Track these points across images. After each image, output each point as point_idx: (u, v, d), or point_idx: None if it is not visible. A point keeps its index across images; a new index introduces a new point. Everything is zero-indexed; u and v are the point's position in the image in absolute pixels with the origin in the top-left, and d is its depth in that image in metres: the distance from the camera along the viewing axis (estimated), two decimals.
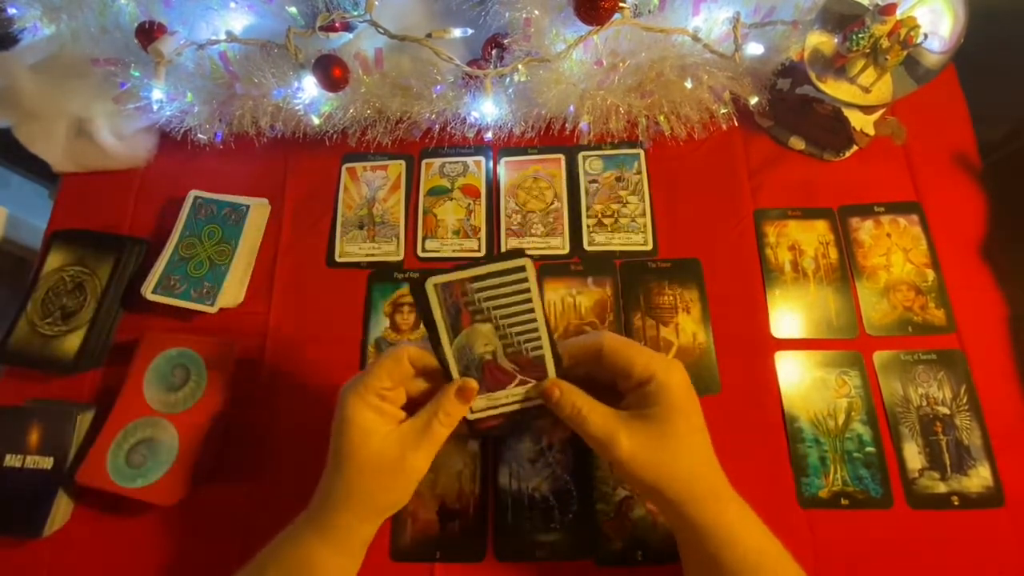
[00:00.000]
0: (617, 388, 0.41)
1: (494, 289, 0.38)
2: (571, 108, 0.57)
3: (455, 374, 0.40)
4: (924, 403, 0.50)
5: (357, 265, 0.58)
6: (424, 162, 0.62)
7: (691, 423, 0.39)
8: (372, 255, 0.59)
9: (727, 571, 0.37)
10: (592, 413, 0.39)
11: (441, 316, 0.39)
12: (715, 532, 0.38)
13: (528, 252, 0.57)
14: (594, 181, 0.60)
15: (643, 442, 0.37)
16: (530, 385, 0.41)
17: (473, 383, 0.40)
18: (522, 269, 0.38)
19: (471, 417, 0.42)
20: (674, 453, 0.38)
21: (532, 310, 0.39)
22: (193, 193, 0.59)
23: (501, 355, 0.40)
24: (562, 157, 0.61)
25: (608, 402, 0.40)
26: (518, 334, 0.40)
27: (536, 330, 0.39)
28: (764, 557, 0.38)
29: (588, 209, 0.59)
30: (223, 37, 0.54)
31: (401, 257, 0.58)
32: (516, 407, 0.42)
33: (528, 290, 0.38)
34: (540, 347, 0.40)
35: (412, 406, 0.41)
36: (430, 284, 0.38)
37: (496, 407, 0.42)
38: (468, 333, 0.39)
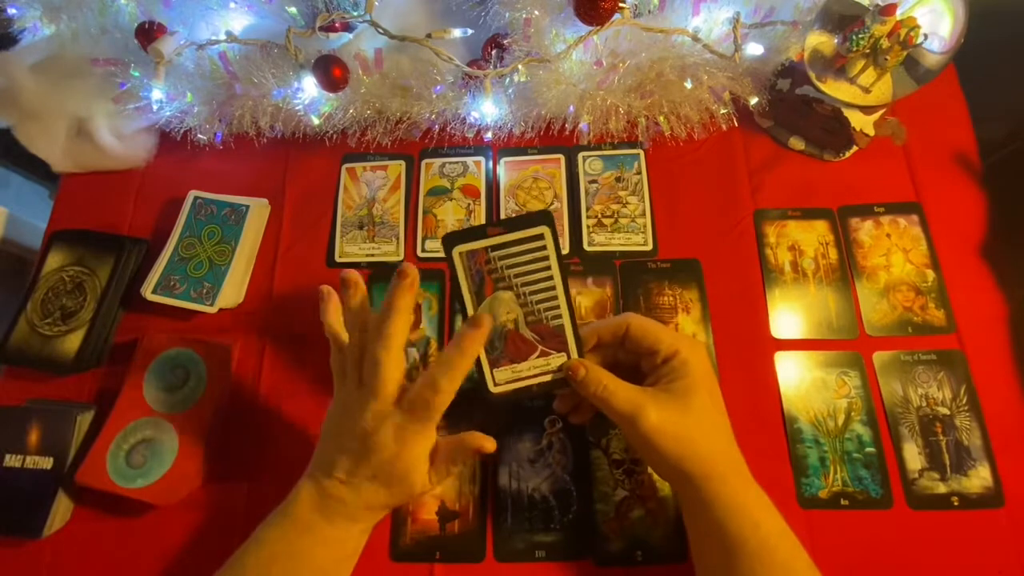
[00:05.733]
0: (640, 370, 0.42)
1: (514, 256, 0.40)
2: (571, 108, 0.57)
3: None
4: (924, 403, 0.50)
5: (357, 265, 0.58)
6: (424, 162, 0.62)
7: (713, 400, 0.40)
8: (372, 255, 0.59)
9: (745, 551, 0.37)
10: (619, 389, 0.39)
11: (466, 283, 0.40)
12: (735, 511, 0.38)
13: None
14: (594, 181, 0.60)
15: (669, 415, 0.38)
16: (552, 356, 0.41)
17: (491, 442, 0.41)
18: (541, 237, 0.39)
19: (494, 390, 0.42)
20: (698, 426, 0.39)
21: (551, 277, 0.40)
22: (193, 193, 0.59)
23: (523, 324, 0.41)
24: (562, 157, 0.61)
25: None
26: (538, 302, 0.40)
27: (556, 298, 0.40)
28: (782, 540, 0.38)
29: (588, 209, 0.59)
30: (223, 37, 0.54)
31: (401, 257, 0.58)
32: (538, 380, 0.42)
33: (547, 257, 0.39)
34: (560, 316, 0.41)
35: None
36: (455, 252, 0.39)
37: (518, 380, 0.42)
38: (491, 300, 0.40)
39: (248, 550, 0.41)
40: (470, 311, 0.41)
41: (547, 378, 0.42)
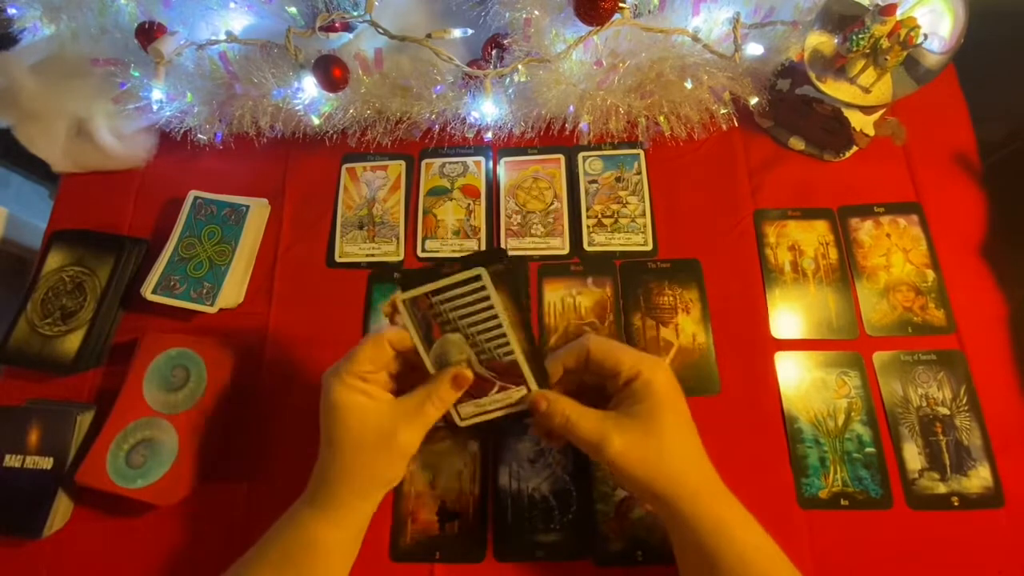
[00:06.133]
0: (606, 391, 0.42)
1: (455, 300, 0.39)
2: (571, 108, 0.57)
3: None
4: (924, 403, 0.50)
5: (357, 265, 0.58)
6: (424, 162, 0.62)
7: (678, 418, 0.40)
8: (372, 255, 0.59)
9: (723, 566, 0.37)
10: (581, 419, 0.39)
11: (414, 329, 0.40)
12: (709, 527, 0.38)
13: (528, 252, 0.58)
14: (594, 181, 0.60)
15: (633, 439, 0.38)
16: (512, 389, 0.42)
17: (469, 374, 0.40)
18: (478, 278, 0.38)
19: (461, 424, 0.43)
20: (663, 448, 0.38)
21: (496, 316, 0.39)
22: (193, 193, 0.59)
23: (476, 363, 0.41)
24: (562, 157, 0.61)
25: (599, 407, 0.41)
26: (487, 341, 0.40)
27: (504, 335, 0.40)
28: (759, 553, 0.38)
29: (588, 209, 0.59)
30: (223, 37, 0.54)
31: (401, 257, 0.58)
32: (502, 412, 0.43)
33: (487, 297, 0.39)
34: (511, 352, 0.40)
35: (396, 389, 0.42)
36: (399, 300, 0.39)
37: (483, 413, 0.43)
38: (441, 343, 0.40)
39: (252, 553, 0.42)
40: (423, 355, 0.41)
41: (510, 410, 0.42)
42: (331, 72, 0.53)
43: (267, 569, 0.40)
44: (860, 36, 0.49)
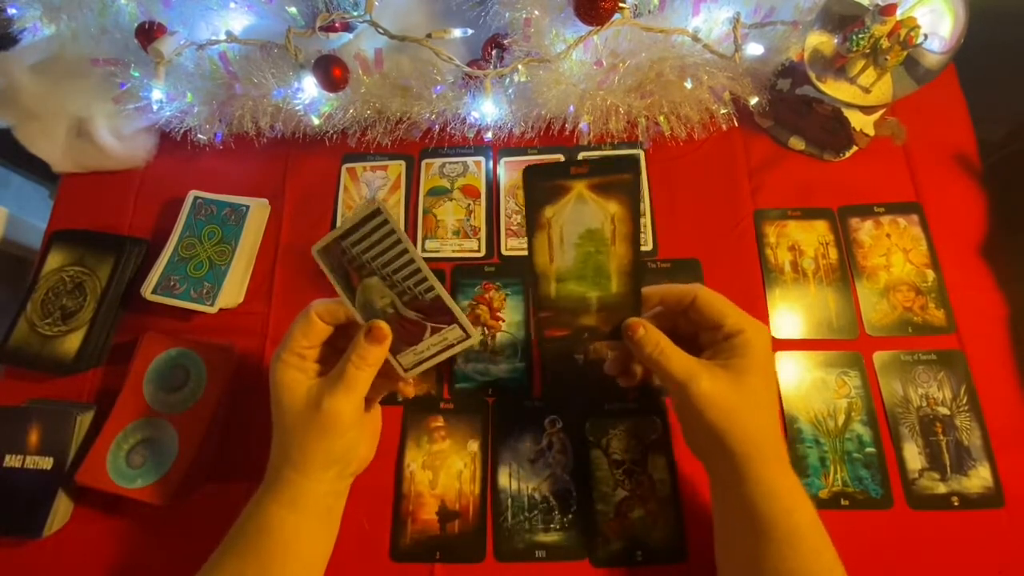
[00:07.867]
0: (697, 342, 0.42)
1: (363, 241, 0.38)
2: (571, 108, 0.57)
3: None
4: (924, 403, 0.50)
5: None
6: (424, 162, 0.62)
7: (769, 383, 0.40)
8: None
9: (775, 535, 0.37)
10: (674, 353, 0.39)
11: (334, 279, 0.39)
12: (771, 495, 0.38)
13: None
14: None
15: (722, 387, 0.38)
16: (445, 330, 0.40)
17: (383, 324, 0.39)
18: (378, 213, 0.37)
19: (405, 375, 0.42)
20: (749, 404, 0.38)
21: (405, 251, 0.38)
22: (193, 193, 0.59)
23: (400, 306, 0.40)
24: (562, 157, 0.61)
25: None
26: (404, 279, 0.39)
27: (419, 271, 0.39)
28: (812, 529, 0.38)
29: None
30: (223, 37, 0.55)
31: None
32: (443, 355, 0.41)
33: (393, 232, 0.38)
34: (432, 287, 0.39)
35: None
36: (314, 252, 0.39)
37: (424, 360, 0.41)
38: (361, 290, 0.40)
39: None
40: (348, 305, 0.40)
41: (450, 352, 0.41)
42: (331, 72, 0.53)
43: (232, 559, 0.40)
44: (860, 36, 0.49)
